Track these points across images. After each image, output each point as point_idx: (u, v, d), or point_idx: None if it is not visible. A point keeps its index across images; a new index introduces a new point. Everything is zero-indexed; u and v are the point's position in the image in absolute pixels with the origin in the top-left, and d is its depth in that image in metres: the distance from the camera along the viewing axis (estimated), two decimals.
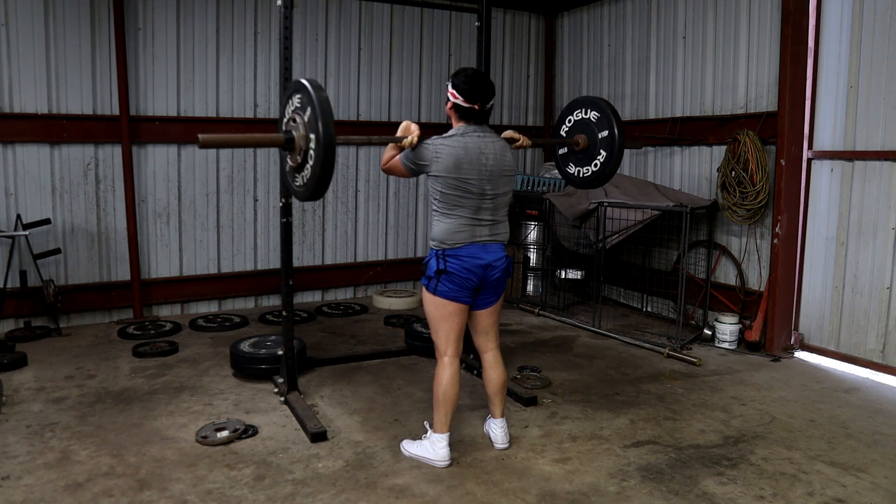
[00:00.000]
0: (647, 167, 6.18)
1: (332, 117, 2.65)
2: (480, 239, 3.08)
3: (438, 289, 3.06)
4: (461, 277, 3.05)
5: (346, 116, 6.28)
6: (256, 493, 2.85)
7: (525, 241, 6.52)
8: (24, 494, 2.80)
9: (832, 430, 3.58)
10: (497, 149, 3.10)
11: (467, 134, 3.06)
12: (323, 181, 2.73)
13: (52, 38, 5.02)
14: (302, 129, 2.77)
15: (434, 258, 3.07)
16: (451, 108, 3.11)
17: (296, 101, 2.84)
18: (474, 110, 3.07)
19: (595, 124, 3.68)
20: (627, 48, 6.34)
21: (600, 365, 4.66)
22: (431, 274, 3.07)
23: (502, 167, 3.08)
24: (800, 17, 4.68)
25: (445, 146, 3.00)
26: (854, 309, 4.61)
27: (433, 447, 3.11)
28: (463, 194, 3.01)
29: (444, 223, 3.05)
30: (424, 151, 3.02)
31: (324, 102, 2.66)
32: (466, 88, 3.03)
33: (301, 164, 2.83)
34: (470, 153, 3.00)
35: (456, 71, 3.15)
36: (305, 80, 2.74)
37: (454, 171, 2.97)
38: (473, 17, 4.38)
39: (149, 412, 3.68)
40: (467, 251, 3.05)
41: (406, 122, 3.10)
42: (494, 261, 3.10)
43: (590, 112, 3.71)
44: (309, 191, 2.81)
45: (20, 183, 5.03)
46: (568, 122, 3.82)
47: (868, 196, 4.49)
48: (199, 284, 5.84)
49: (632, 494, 2.89)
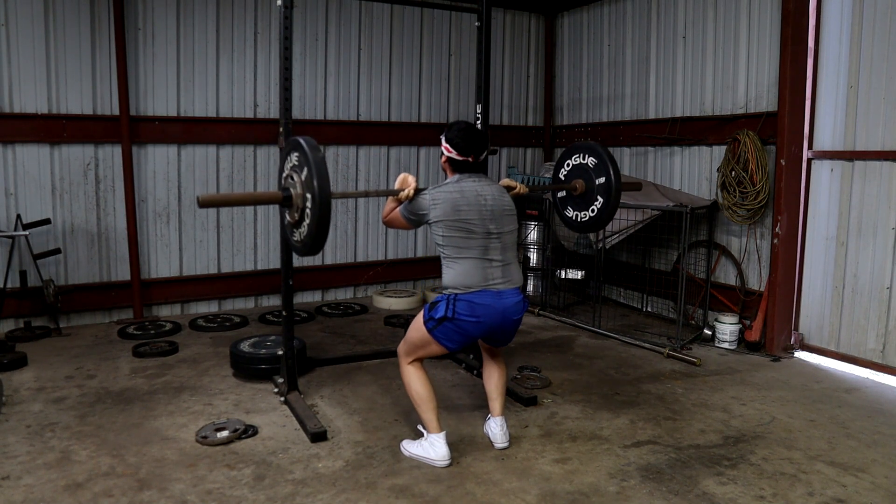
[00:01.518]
0: (647, 167, 6.18)
1: (327, 178, 2.73)
2: (494, 284, 3.04)
3: (435, 332, 3.06)
4: (468, 324, 3.01)
5: (346, 117, 6.28)
6: (256, 493, 2.85)
7: (525, 241, 6.52)
8: (24, 494, 2.80)
9: (832, 430, 3.58)
10: (494, 190, 3.15)
11: (463, 180, 3.12)
12: (319, 239, 2.81)
13: (52, 38, 5.02)
14: (299, 187, 2.85)
15: (444, 302, 3.02)
16: (445, 161, 3.18)
17: (293, 159, 2.91)
18: (468, 163, 3.13)
19: (592, 170, 3.75)
20: (627, 48, 6.34)
21: (600, 365, 4.66)
22: (436, 317, 3.04)
23: (502, 206, 3.12)
24: (800, 17, 4.68)
25: (442, 192, 3.06)
26: (854, 309, 4.61)
27: (432, 447, 3.12)
28: (467, 235, 3.01)
29: (454, 268, 3.04)
30: (421, 201, 3.08)
31: (319, 163, 2.74)
32: (460, 142, 3.11)
33: (299, 220, 2.90)
34: (467, 196, 3.05)
35: (449, 125, 3.21)
36: (303, 140, 2.81)
37: (453, 213, 3.01)
38: (473, 17, 4.38)
39: (149, 412, 3.68)
40: (481, 298, 3.00)
41: (403, 175, 3.17)
42: (511, 306, 3.07)
43: (587, 158, 3.78)
44: (307, 247, 2.89)
45: (20, 183, 5.03)
46: (566, 166, 3.90)
47: (868, 196, 4.49)
48: (199, 284, 5.84)
49: (632, 494, 2.89)
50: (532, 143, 7.42)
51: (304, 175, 2.80)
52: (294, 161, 2.90)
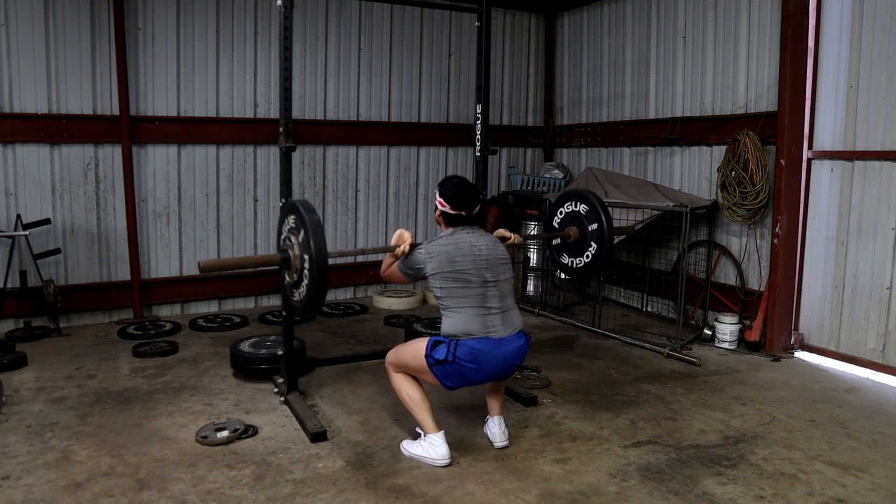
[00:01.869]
0: (647, 167, 6.18)
1: (323, 240, 2.82)
2: (495, 332, 3.05)
3: (434, 369, 3.07)
4: (468, 370, 3.03)
5: (346, 117, 6.28)
6: (256, 493, 2.85)
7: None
8: (24, 494, 2.80)
9: (832, 430, 3.58)
10: (488, 241, 3.21)
11: (457, 233, 3.18)
12: (318, 298, 2.88)
13: (52, 38, 5.02)
14: (297, 249, 2.94)
15: (446, 345, 3.03)
16: (439, 215, 3.26)
17: (290, 222, 3.00)
18: (461, 217, 3.20)
19: (585, 217, 3.85)
20: (627, 48, 6.34)
21: (600, 365, 4.66)
22: (437, 357, 3.03)
23: (497, 256, 3.17)
24: (800, 17, 4.68)
25: (437, 246, 3.12)
26: (854, 309, 4.61)
27: (431, 447, 3.12)
28: (464, 285, 3.05)
29: (453, 318, 3.06)
30: (417, 255, 3.14)
31: (315, 225, 2.82)
32: (453, 197, 3.18)
33: (297, 281, 2.98)
34: (461, 247, 3.10)
35: (443, 180, 3.28)
36: (299, 203, 2.90)
37: (448, 265, 3.06)
38: (473, 17, 4.37)
39: (149, 412, 3.68)
40: (482, 345, 3.01)
41: (399, 231, 3.24)
42: (513, 351, 3.09)
43: (579, 205, 3.88)
44: (306, 307, 2.95)
45: (20, 183, 5.03)
46: (559, 213, 4.00)
47: (868, 196, 4.49)
48: (199, 284, 5.84)
49: (632, 494, 2.89)
50: (532, 143, 7.42)
51: (301, 237, 2.89)
52: (291, 223, 3.00)
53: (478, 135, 4.21)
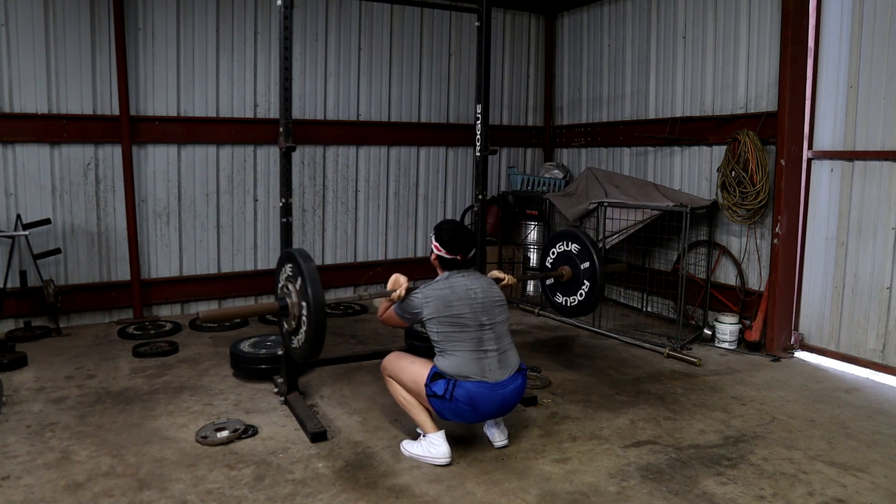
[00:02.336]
0: (647, 167, 6.18)
1: (320, 287, 2.86)
2: (491, 375, 3.06)
3: (432, 401, 3.08)
4: (464, 410, 3.04)
5: (346, 117, 6.28)
6: (256, 493, 2.85)
7: (525, 241, 6.52)
8: (24, 494, 2.80)
9: (832, 430, 3.58)
10: (483, 283, 3.23)
11: (452, 276, 3.21)
12: (317, 345, 2.92)
13: (52, 38, 5.02)
14: (294, 296, 2.99)
15: (444, 382, 3.04)
16: (435, 259, 3.29)
17: (287, 270, 3.05)
18: (457, 261, 3.24)
19: (577, 256, 3.93)
20: (627, 48, 6.34)
21: (600, 365, 4.66)
22: (437, 392, 3.04)
23: (493, 298, 3.19)
24: (800, 17, 4.68)
25: (433, 290, 3.14)
26: (854, 309, 4.61)
27: (432, 446, 3.12)
28: (460, 329, 3.07)
29: (449, 359, 3.07)
30: (414, 300, 3.17)
31: (312, 272, 2.87)
32: (449, 241, 3.22)
33: (296, 328, 3.02)
34: (457, 291, 3.13)
35: (438, 224, 3.33)
36: (295, 252, 2.95)
37: (444, 309, 3.08)
38: (473, 17, 4.37)
39: (149, 412, 3.68)
40: (479, 389, 3.02)
41: (395, 276, 3.25)
42: (509, 393, 3.11)
43: (571, 244, 3.96)
44: (305, 353, 3.00)
45: (20, 183, 5.03)
46: (552, 254, 4.09)
47: (868, 196, 4.49)
48: (199, 284, 5.84)
49: (632, 494, 2.89)
50: (532, 143, 7.42)
51: (298, 284, 2.93)
52: (288, 272, 3.03)
53: (478, 135, 4.21)
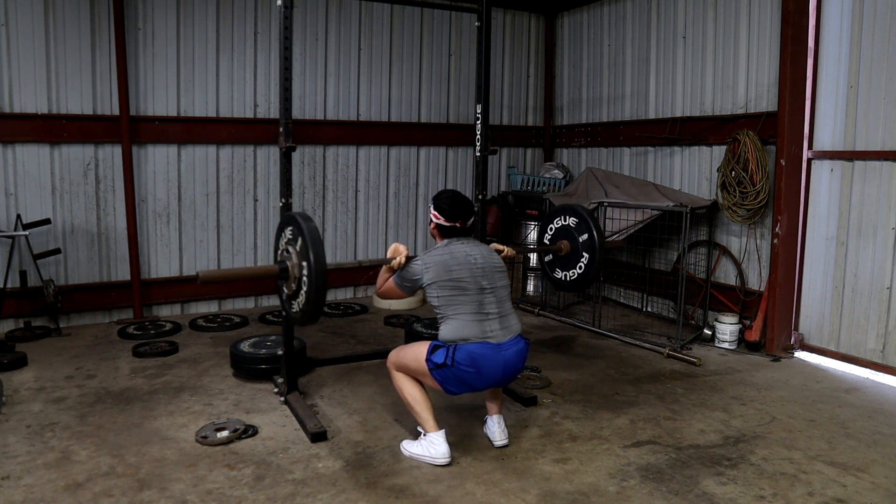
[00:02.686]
0: (647, 167, 6.18)
1: (321, 244, 2.85)
2: (493, 336, 3.07)
3: (434, 373, 3.08)
4: (468, 374, 3.04)
5: (346, 117, 6.28)
6: (256, 493, 2.85)
7: (525, 241, 6.52)
8: (24, 494, 2.80)
9: (832, 430, 3.58)
10: (483, 250, 3.25)
11: (452, 243, 3.23)
12: (318, 304, 2.90)
13: (52, 38, 5.02)
14: (295, 257, 2.97)
15: (444, 349, 3.05)
16: (434, 227, 3.31)
17: (287, 234, 3.04)
18: (456, 228, 3.25)
19: (574, 229, 3.91)
20: (627, 48, 6.34)
21: (600, 365, 4.66)
22: (437, 361, 3.05)
23: (492, 264, 3.21)
24: (800, 17, 4.68)
25: (432, 256, 3.16)
26: (854, 309, 4.61)
27: (432, 445, 3.12)
28: (460, 293, 3.08)
29: (451, 324, 3.09)
30: (413, 267, 3.18)
31: (313, 231, 2.86)
32: (448, 209, 3.23)
33: (296, 290, 3.01)
34: (457, 256, 3.15)
35: (437, 194, 3.34)
36: (296, 214, 2.94)
37: (444, 274, 3.09)
38: (473, 17, 4.38)
39: (149, 412, 3.68)
40: (481, 350, 3.03)
41: (395, 245, 3.27)
42: (512, 356, 3.11)
43: (568, 218, 3.94)
44: (306, 315, 2.98)
45: (20, 183, 5.03)
46: (549, 230, 4.05)
47: (868, 196, 4.49)
48: (198, 284, 5.79)
49: (632, 494, 2.89)
50: (532, 143, 7.42)
51: (298, 245, 2.92)
52: (288, 235, 3.03)
53: (478, 135, 4.21)
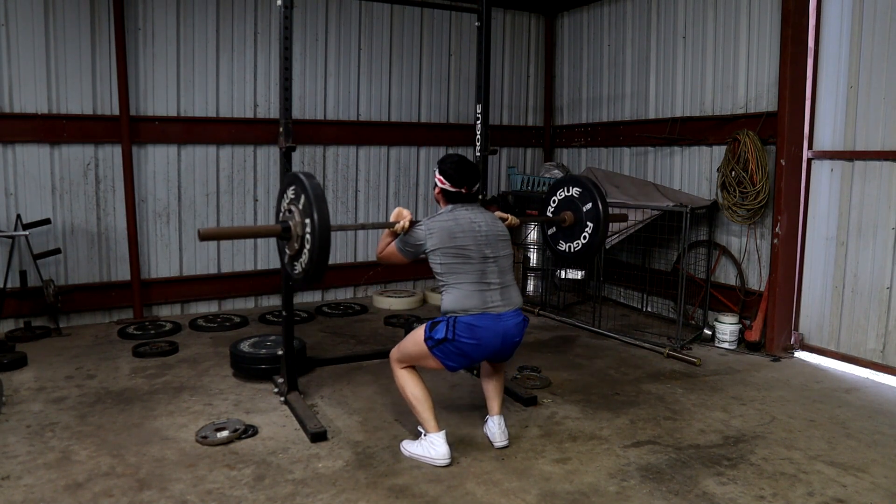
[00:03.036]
0: (647, 167, 6.18)
1: (325, 201, 2.79)
2: (493, 307, 3.07)
3: (434, 350, 3.08)
4: (468, 346, 3.04)
5: (346, 117, 6.28)
6: (256, 493, 2.85)
7: (525, 241, 6.52)
8: (24, 494, 2.80)
9: (832, 430, 3.58)
10: (487, 218, 3.21)
11: (456, 209, 3.19)
12: (321, 263, 2.83)
13: (52, 38, 5.02)
14: (297, 216, 2.91)
15: (444, 323, 3.05)
16: (439, 192, 3.25)
17: (290, 194, 2.98)
18: (461, 194, 3.20)
19: (578, 199, 3.85)
20: (627, 48, 6.34)
21: (600, 365, 4.66)
22: (436, 337, 3.05)
23: (497, 232, 3.18)
24: (800, 17, 4.68)
25: (436, 222, 3.12)
26: (854, 309, 4.61)
27: (432, 446, 3.12)
28: (464, 261, 3.06)
29: (452, 293, 3.07)
30: (417, 232, 3.14)
31: (316, 188, 2.80)
32: (453, 174, 3.18)
33: (298, 250, 2.94)
34: (461, 223, 3.11)
35: (442, 158, 3.28)
36: (298, 172, 2.89)
37: (448, 240, 3.06)
38: (473, 17, 4.37)
39: (149, 412, 3.68)
40: (481, 321, 3.03)
41: (398, 209, 3.23)
42: (512, 327, 3.11)
43: (572, 189, 3.88)
44: (308, 275, 2.91)
45: (20, 183, 5.03)
46: (552, 203, 3.99)
47: (868, 196, 4.49)
48: (199, 284, 5.84)
49: (632, 494, 2.89)
50: (532, 143, 7.42)
51: (301, 203, 2.87)
52: (291, 195, 2.98)
53: (478, 135, 4.21)
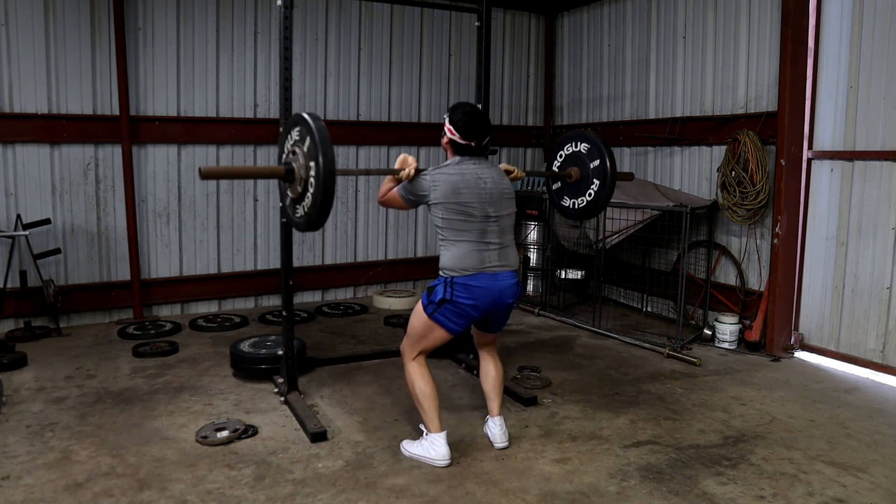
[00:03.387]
0: (647, 167, 6.18)
1: (330, 144, 2.71)
2: (490, 266, 3.06)
3: (434, 315, 3.08)
4: (466, 306, 3.04)
5: (346, 116, 6.28)
6: (256, 493, 2.85)
7: (525, 241, 6.52)
8: (24, 494, 2.80)
9: (832, 430, 3.58)
10: (494, 173, 3.15)
11: (463, 162, 3.11)
12: (325, 208, 2.78)
13: (52, 38, 5.02)
14: (301, 158, 2.83)
15: (442, 284, 3.05)
16: (447, 143, 3.16)
17: (294, 135, 2.91)
18: (471, 147, 3.12)
19: (586, 155, 3.76)
20: (627, 48, 6.34)
21: (600, 365, 4.66)
22: (435, 300, 3.06)
23: (502, 189, 3.12)
24: (800, 17, 4.68)
25: (442, 174, 3.05)
26: (854, 309, 4.61)
27: (432, 447, 3.12)
28: (466, 218, 3.03)
29: (451, 250, 3.05)
30: (422, 182, 3.07)
31: (322, 130, 2.72)
32: (464, 126, 3.08)
33: (302, 193, 2.88)
34: (467, 178, 3.04)
35: (453, 106, 3.18)
36: (304, 113, 2.81)
37: (452, 196, 3.01)
38: (473, 17, 4.37)
39: (149, 412, 3.68)
40: (478, 280, 3.02)
41: (403, 155, 3.15)
42: (506, 288, 3.10)
43: (580, 144, 3.79)
44: (311, 219, 2.86)
45: (20, 183, 5.03)
46: (559, 157, 3.90)
47: (868, 196, 4.49)
48: (199, 284, 5.84)
49: (632, 494, 2.89)
50: (532, 143, 7.42)
51: (306, 146, 2.79)
52: (296, 136, 2.89)
53: None
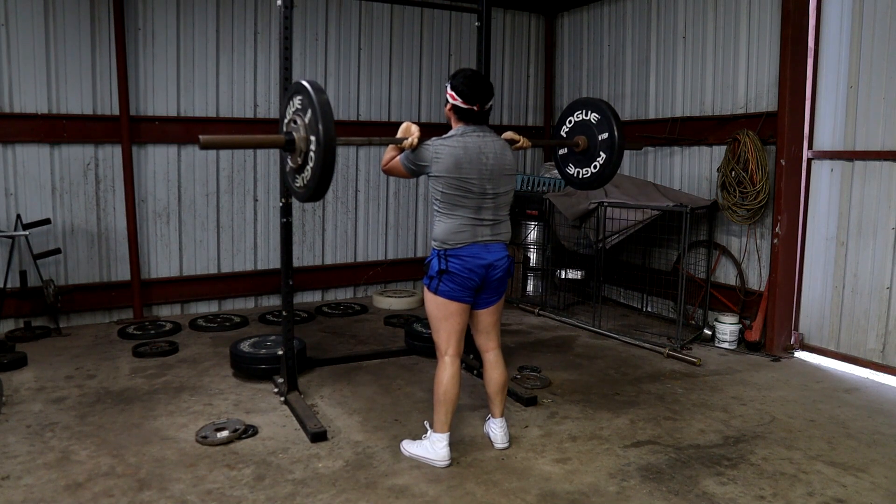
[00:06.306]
0: (647, 167, 6.18)
1: (332, 119, 2.67)
2: (482, 239, 3.08)
3: (440, 289, 3.07)
4: (462, 277, 3.05)
5: (346, 116, 6.28)
6: (256, 493, 2.85)
7: (525, 241, 6.52)
8: (24, 494, 2.80)
9: (832, 430, 3.59)
10: (497, 148, 3.11)
11: (467, 134, 3.07)
12: (323, 182, 2.75)
13: (52, 38, 5.02)
14: (302, 130, 2.80)
15: (436, 258, 3.08)
16: (450, 109, 3.13)
17: (296, 103, 2.86)
18: (473, 111, 3.08)
19: (595, 126, 3.69)
20: (627, 48, 6.34)
21: (600, 365, 4.66)
22: (433, 274, 3.08)
23: (503, 166, 3.09)
24: (800, 17, 4.69)
25: (445, 146, 3.01)
26: (854, 309, 4.61)
27: (433, 447, 3.12)
28: (464, 194, 3.02)
29: (446, 223, 3.06)
30: (424, 152, 3.03)
31: (324, 104, 2.68)
32: (465, 90, 3.05)
33: (302, 165, 2.85)
34: (470, 153, 3.01)
35: (454, 72, 3.16)
36: (306, 82, 2.76)
37: (454, 171, 2.98)
38: (473, 17, 4.37)
39: (149, 412, 3.68)
40: (469, 251, 3.05)
41: (406, 124, 3.11)
42: (496, 260, 3.10)
43: (590, 114, 3.72)
44: (310, 191, 2.83)
45: (20, 183, 5.03)
46: (568, 122, 3.82)
47: (868, 196, 4.49)
48: (199, 284, 5.84)
49: (632, 494, 2.89)
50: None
51: (307, 117, 2.76)
52: (297, 105, 2.85)
53: None
